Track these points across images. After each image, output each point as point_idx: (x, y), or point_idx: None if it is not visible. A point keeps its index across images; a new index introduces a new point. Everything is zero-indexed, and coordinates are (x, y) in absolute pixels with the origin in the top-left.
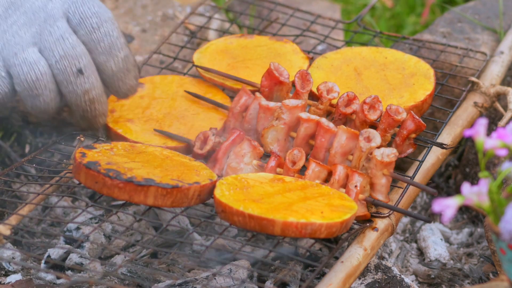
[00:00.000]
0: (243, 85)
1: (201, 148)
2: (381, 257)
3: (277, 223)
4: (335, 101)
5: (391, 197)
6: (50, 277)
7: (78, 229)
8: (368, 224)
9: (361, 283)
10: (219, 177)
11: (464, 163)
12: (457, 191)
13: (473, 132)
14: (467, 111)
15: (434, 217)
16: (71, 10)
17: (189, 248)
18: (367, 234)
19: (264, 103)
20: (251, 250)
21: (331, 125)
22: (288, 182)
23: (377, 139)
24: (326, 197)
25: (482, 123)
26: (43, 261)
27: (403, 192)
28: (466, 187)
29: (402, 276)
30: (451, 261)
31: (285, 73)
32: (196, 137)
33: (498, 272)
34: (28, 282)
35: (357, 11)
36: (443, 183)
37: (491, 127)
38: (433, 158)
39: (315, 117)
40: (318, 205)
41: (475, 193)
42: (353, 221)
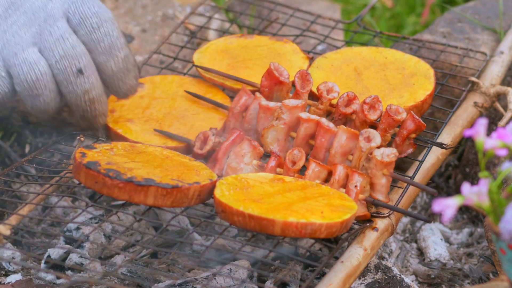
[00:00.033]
0: (243, 85)
1: (201, 148)
2: (381, 257)
3: (277, 223)
4: (335, 101)
5: (391, 197)
6: (50, 277)
7: (78, 229)
8: (368, 224)
9: (361, 283)
10: (219, 177)
11: (464, 163)
12: (457, 191)
13: (473, 132)
14: (467, 111)
15: (434, 217)
16: (71, 10)
17: (189, 248)
18: (367, 234)
19: (264, 103)
20: (251, 250)
21: (331, 125)
22: (288, 182)
23: (377, 139)
24: (326, 197)
25: (482, 123)
26: (43, 261)
27: (403, 192)
28: (466, 187)
29: (402, 276)
30: (451, 261)
31: (285, 73)
32: (196, 137)
33: (498, 272)
34: (28, 282)
35: (357, 11)
36: (443, 183)
37: (491, 127)
38: (433, 158)
39: (315, 117)
40: (318, 205)
41: (475, 193)
42: (353, 221)
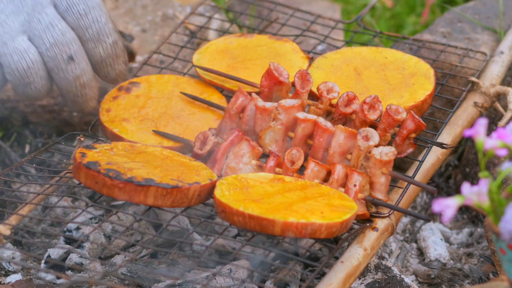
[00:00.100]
0: (239, 86)
1: (200, 148)
2: (381, 257)
3: (277, 223)
4: (335, 101)
5: (391, 197)
6: (50, 277)
7: (78, 229)
8: (368, 224)
9: (361, 283)
10: (219, 177)
11: (464, 163)
12: (457, 191)
13: (473, 132)
14: (467, 111)
15: (434, 217)
16: None
17: (189, 248)
18: (367, 234)
19: (261, 104)
20: (251, 250)
21: (328, 124)
22: (288, 182)
23: (375, 137)
24: (326, 197)
25: (482, 123)
26: (43, 261)
27: (403, 191)
28: (466, 187)
29: (402, 276)
30: (451, 261)
31: (284, 73)
32: (196, 137)
33: (498, 272)
34: (28, 282)
35: (357, 11)
36: (443, 183)
37: (491, 127)
38: (433, 158)
39: (312, 116)
40: (318, 205)
41: (475, 193)
42: (353, 221)
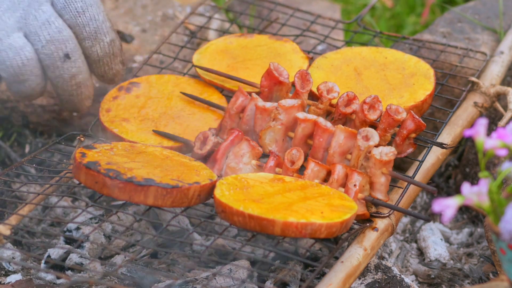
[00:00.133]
0: (239, 86)
1: (201, 148)
2: (381, 257)
3: (277, 223)
4: (335, 101)
5: (391, 197)
6: (50, 277)
7: (78, 229)
8: (368, 224)
9: (361, 283)
10: (219, 177)
11: (464, 163)
12: (457, 191)
13: (473, 132)
14: (467, 111)
15: (434, 217)
16: None
17: (189, 248)
18: (367, 234)
19: (261, 104)
20: (251, 250)
21: (328, 124)
22: (288, 182)
23: (375, 137)
24: (326, 197)
25: (482, 123)
26: (43, 261)
27: (403, 191)
28: (466, 187)
29: (402, 276)
30: (451, 261)
31: (284, 73)
32: (196, 137)
33: (498, 272)
34: (28, 282)
35: (357, 11)
36: (443, 183)
37: (491, 127)
38: (433, 158)
39: (312, 116)
40: (318, 205)
41: (475, 193)
42: (353, 221)
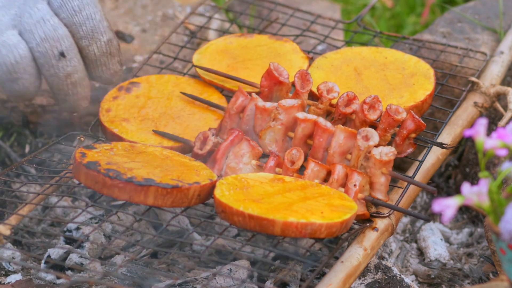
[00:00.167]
0: (239, 86)
1: (200, 148)
2: (381, 257)
3: (277, 223)
4: (335, 101)
5: (391, 197)
6: (50, 277)
7: (78, 229)
8: (368, 224)
9: (361, 283)
10: (219, 177)
11: (464, 163)
12: (457, 191)
13: (473, 132)
14: (467, 111)
15: (434, 217)
16: None
17: (189, 248)
18: (367, 234)
19: (261, 104)
20: (251, 250)
21: (328, 124)
22: (288, 182)
23: (375, 137)
24: (326, 197)
25: (482, 123)
26: (43, 261)
27: (403, 191)
28: (466, 187)
29: (402, 276)
30: (451, 261)
31: (284, 73)
32: (196, 137)
33: (498, 272)
34: (28, 282)
35: (357, 11)
36: (443, 183)
37: (491, 127)
38: (433, 158)
39: (312, 116)
40: (318, 205)
41: (475, 193)
42: (353, 221)
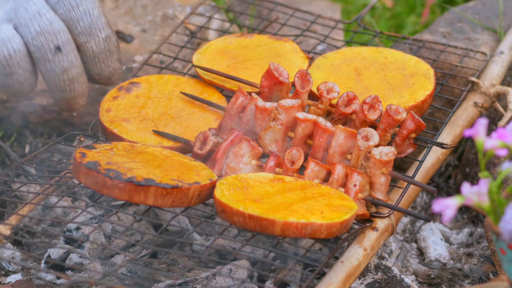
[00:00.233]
0: (239, 86)
1: (200, 148)
2: (381, 257)
3: (277, 223)
4: (335, 101)
5: (391, 197)
6: (50, 277)
7: (78, 229)
8: (368, 224)
9: (361, 283)
10: (219, 177)
11: (464, 163)
12: (457, 191)
13: (473, 132)
14: (467, 111)
15: (434, 217)
16: None
17: (189, 248)
18: (367, 234)
19: (261, 104)
20: (251, 250)
21: (328, 124)
22: (288, 182)
23: (375, 137)
24: (326, 197)
25: (482, 123)
26: (43, 261)
27: (403, 191)
28: (466, 187)
29: (402, 276)
30: (451, 261)
31: (284, 73)
32: (196, 137)
33: (498, 272)
34: (28, 282)
35: (357, 11)
36: (443, 183)
37: (491, 127)
38: (433, 158)
39: (312, 116)
40: (318, 205)
41: (475, 193)
42: (353, 221)
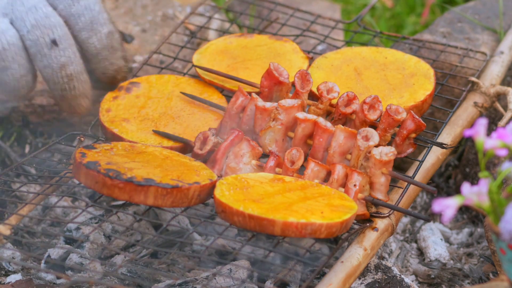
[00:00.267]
0: (239, 86)
1: (200, 148)
2: (381, 257)
3: (277, 223)
4: (335, 101)
5: (391, 197)
6: (50, 277)
7: (78, 229)
8: (368, 224)
9: (361, 283)
10: (219, 177)
11: (464, 163)
12: (457, 191)
13: (473, 132)
14: (467, 111)
15: (434, 217)
16: None
17: (189, 248)
18: (367, 234)
19: (261, 104)
20: (251, 250)
21: (328, 124)
22: (288, 182)
23: (375, 137)
24: (326, 197)
25: (482, 123)
26: (43, 261)
27: (403, 191)
28: (466, 187)
29: (402, 276)
30: (451, 261)
31: (284, 73)
32: (196, 137)
33: (498, 272)
34: (28, 282)
35: (357, 11)
36: (443, 183)
37: (491, 127)
38: (433, 158)
39: (312, 116)
40: (318, 205)
41: (475, 193)
42: (353, 221)
